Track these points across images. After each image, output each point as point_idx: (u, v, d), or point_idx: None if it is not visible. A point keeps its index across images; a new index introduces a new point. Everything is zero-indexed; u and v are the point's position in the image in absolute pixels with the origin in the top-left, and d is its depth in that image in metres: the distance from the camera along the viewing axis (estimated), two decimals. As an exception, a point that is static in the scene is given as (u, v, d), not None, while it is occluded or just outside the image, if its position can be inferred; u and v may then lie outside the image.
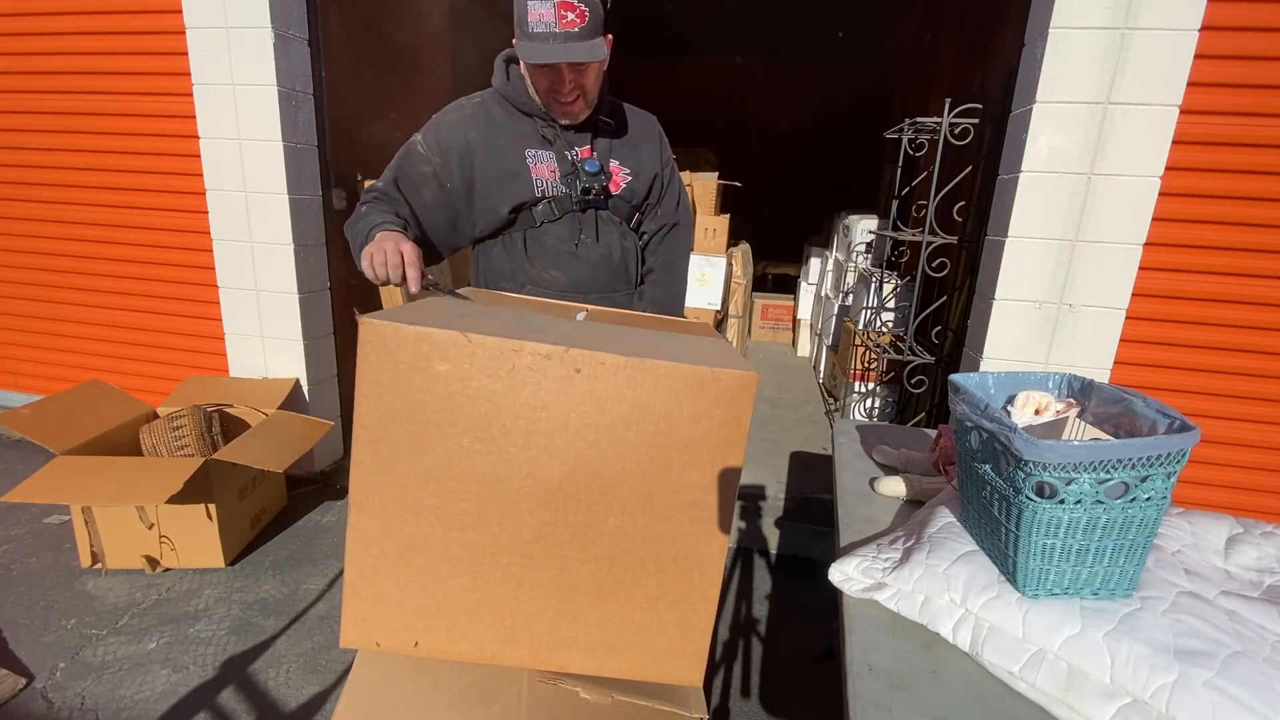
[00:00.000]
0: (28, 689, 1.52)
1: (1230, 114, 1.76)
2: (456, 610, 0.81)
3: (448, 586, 0.80)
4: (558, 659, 0.83)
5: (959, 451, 0.95)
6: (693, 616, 0.82)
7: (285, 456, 1.93)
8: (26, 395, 2.94)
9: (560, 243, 1.33)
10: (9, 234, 2.76)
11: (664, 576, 0.81)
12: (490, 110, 1.31)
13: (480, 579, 0.80)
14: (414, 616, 0.81)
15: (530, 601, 0.81)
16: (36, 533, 2.16)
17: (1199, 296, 1.89)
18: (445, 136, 1.29)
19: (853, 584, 0.90)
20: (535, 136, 1.29)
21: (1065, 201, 1.85)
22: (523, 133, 1.29)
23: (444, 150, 1.28)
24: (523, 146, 1.29)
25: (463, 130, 1.29)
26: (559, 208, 1.31)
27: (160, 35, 2.30)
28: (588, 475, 0.77)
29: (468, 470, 0.77)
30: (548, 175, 1.29)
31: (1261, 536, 0.94)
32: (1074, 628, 0.73)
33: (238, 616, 1.80)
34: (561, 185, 1.30)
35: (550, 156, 1.30)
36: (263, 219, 2.36)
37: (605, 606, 0.82)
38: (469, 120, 1.30)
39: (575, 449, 0.76)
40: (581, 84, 1.21)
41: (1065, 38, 1.76)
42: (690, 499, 0.78)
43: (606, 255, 1.35)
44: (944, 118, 2.43)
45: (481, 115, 1.30)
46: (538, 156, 1.29)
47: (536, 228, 1.33)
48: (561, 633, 0.82)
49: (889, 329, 3.10)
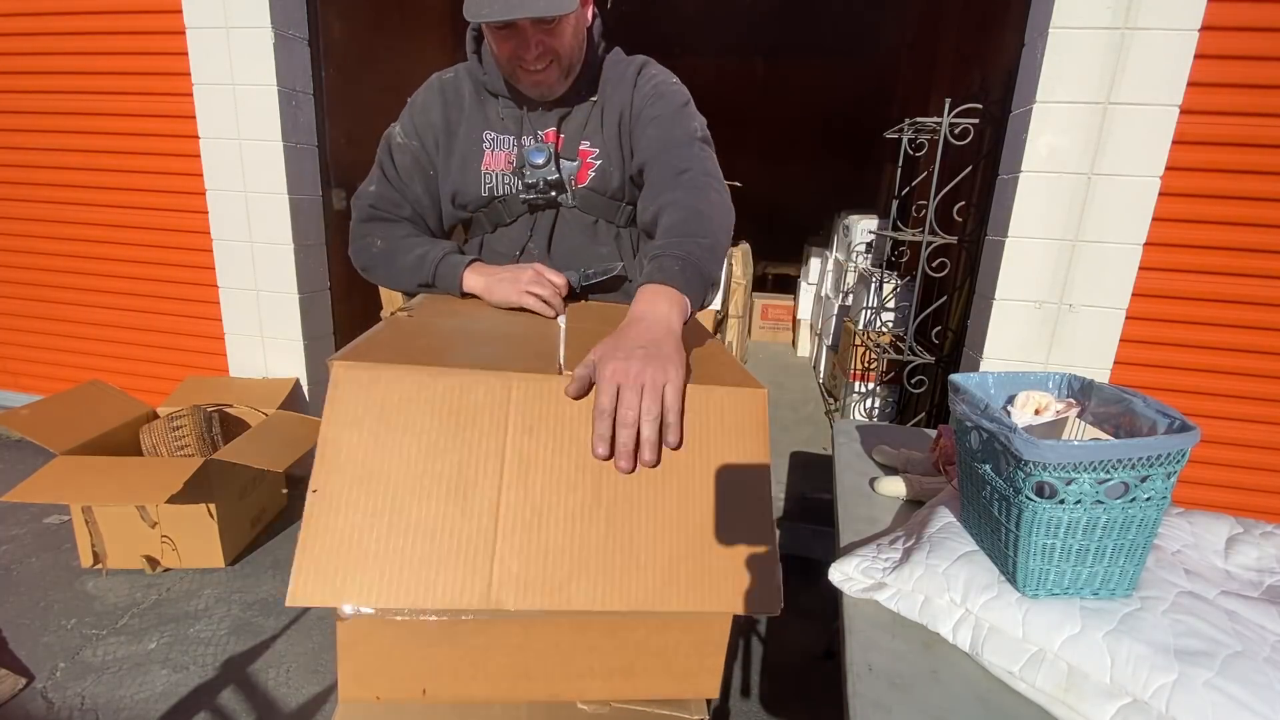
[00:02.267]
0: (28, 689, 1.52)
1: (1230, 114, 1.76)
2: (465, 654, 0.76)
3: (454, 632, 0.75)
4: (574, 690, 0.79)
5: (959, 451, 0.95)
6: (709, 634, 0.79)
7: (285, 456, 1.93)
8: (26, 395, 2.94)
9: (505, 254, 1.13)
10: (9, 234, 2.76)
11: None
12: (460, 86, 1.11)
13: (490, 622, 0.75)
14: (419, 665, 0.76)
15: (542, 639, 0.77)
16: (36, 533, 2.16)
17: (1199, 296, 1.89)
18: (420, 116, 1.11)
19: (853, 584, 0.90)
20: (495, 118, 1.09)
21: (1065, 201, 1.85)
22: (483, 112, 1.10)
23: (420, 131, 1.10)
24: (481, 129, 1.10)
25: (437, 107, 1.10)
26: (509, 210, 1.11)
27: (160, 35, 2.30)
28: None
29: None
30: (502, 166, 1.09)
31: (1261, 536, 0.94)
32: (1074, 628, 0.73)
33: (238, 616, 1.80)
34: (516, 181, 1.09)
35: (510, 143, 1.08)
36: (263, 219, 2.36)
37: (620, 635, 0.78)
38: (437, 95, 1.11)
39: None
40: (553, 47, 0.97)
41: (1065, 38, 1.76)
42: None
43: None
44: (944, 118, 2.43)
45: (452, 90, 1.11)
46: (496, 143, 1.09)
47: (490, 233, 1.15)
48: (576, 665, 0.78)
49: (889, 329, 3.10)
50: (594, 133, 1.09)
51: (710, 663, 0.80)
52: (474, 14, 0.91)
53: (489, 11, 0.89)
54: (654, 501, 0.72)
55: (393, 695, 0.77)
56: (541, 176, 1.05)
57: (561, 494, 0.71)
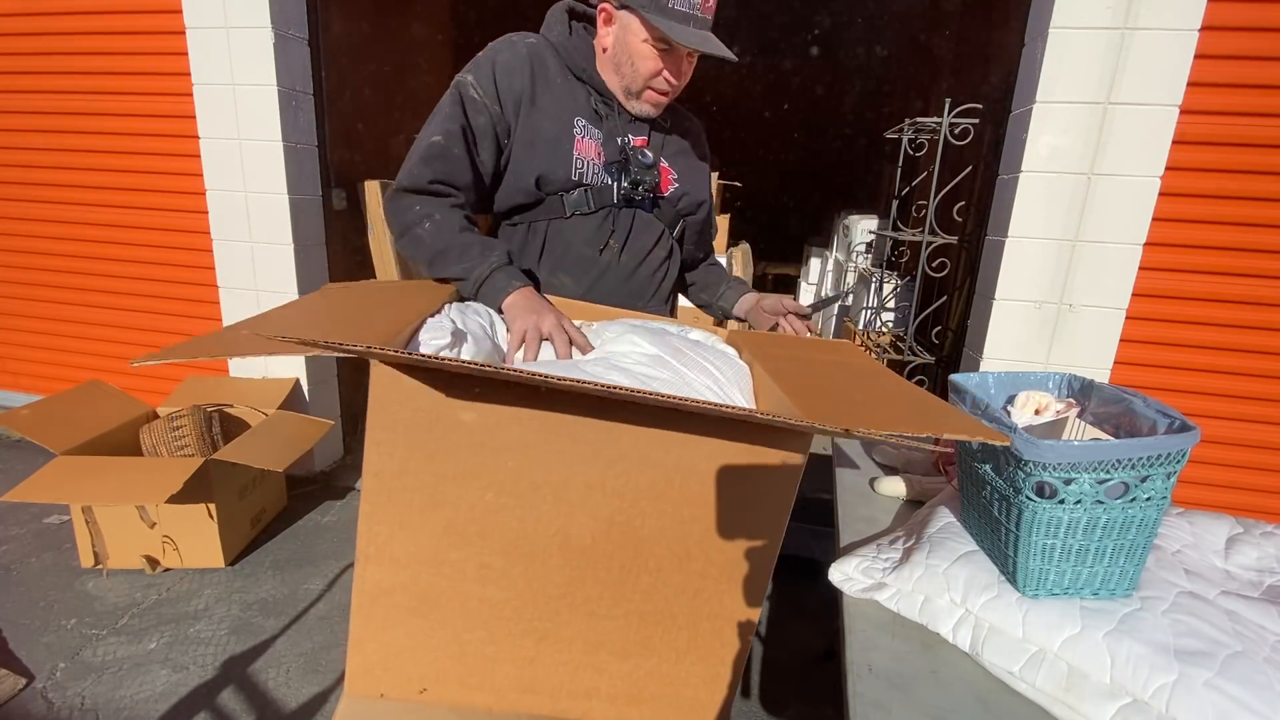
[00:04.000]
0: (28, 689, 1.52)
1: (1230, 114, 1.76)
2: (472, 661, 0.76)
3: (464, 639, 0.75)
4: (577, 709, 0.78)
5: (959, 451, 0.95)
6: (722, 669, 0.78)
7: (285, 456, 1.93)
8: (26, 395, 2.94)
9: (584, 244, 1.12)
10: (9, 234, 2.76)
11: (695, 632, 0.76)
12: (545, 59, 1.07)
13: (500, 632, 0.75)
14: (426, 667, 0.76)
15: (553, 654, 0.76)
16: (36, 533, 2.16)
17: (1199, 296, 1.89)
18: (504, 79, 1.04)
19: (853, 584, 0.90)
20: (587, 107, 1.08)
21: (1065, 201, 1.85)
22: (574, 97, 1.08)
23: (502, 95, 1.03)
24: (572, 113, 1.07)
25: (523, 74, 1.05)
26: (596, 200, 1.10)
27: (160, 35, 2.30)
28: (623, 533, 0.72)
29: (492, 525, 0.71)
30: (592, 156, 1.08)
31: (1261, 536, 0.94)
32: (1074, 628, 0.73)
33: (238, 616, 1.80)
34: (604, 174, 1.09)
35: (599, 135, 1.09)
36: (263, 219, 2.36)
37: (631, 660, 0.77)
38: (525, 62, 1.05)
39: (612, 506, 0.71)
40: (687, 78, 1.08)
41: (1065, 38, 1.76)
42: (730, 558, 0.73)
43: (633, 267, 1.15)
44: (944, 118, 2.43)
45: (538, 61, 1.06)
46: (587, 131, 1.08)
47: (564, 219, 1.11)
48: (583, 684, 0.78)
49: (889, 329, 3.09)
50: (672, 156, 1.19)
51: (720, 697, 0.79)
52: (676, 35, 0.96)
53: (685, 37, 0.96)
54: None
55: (397, 695, 0.77)
56: (649, 178, 1.10)
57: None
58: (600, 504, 0.71)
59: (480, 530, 0.72)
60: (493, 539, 0.72)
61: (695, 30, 0.98)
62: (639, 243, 1.15)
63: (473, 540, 0.72)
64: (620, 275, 1.15)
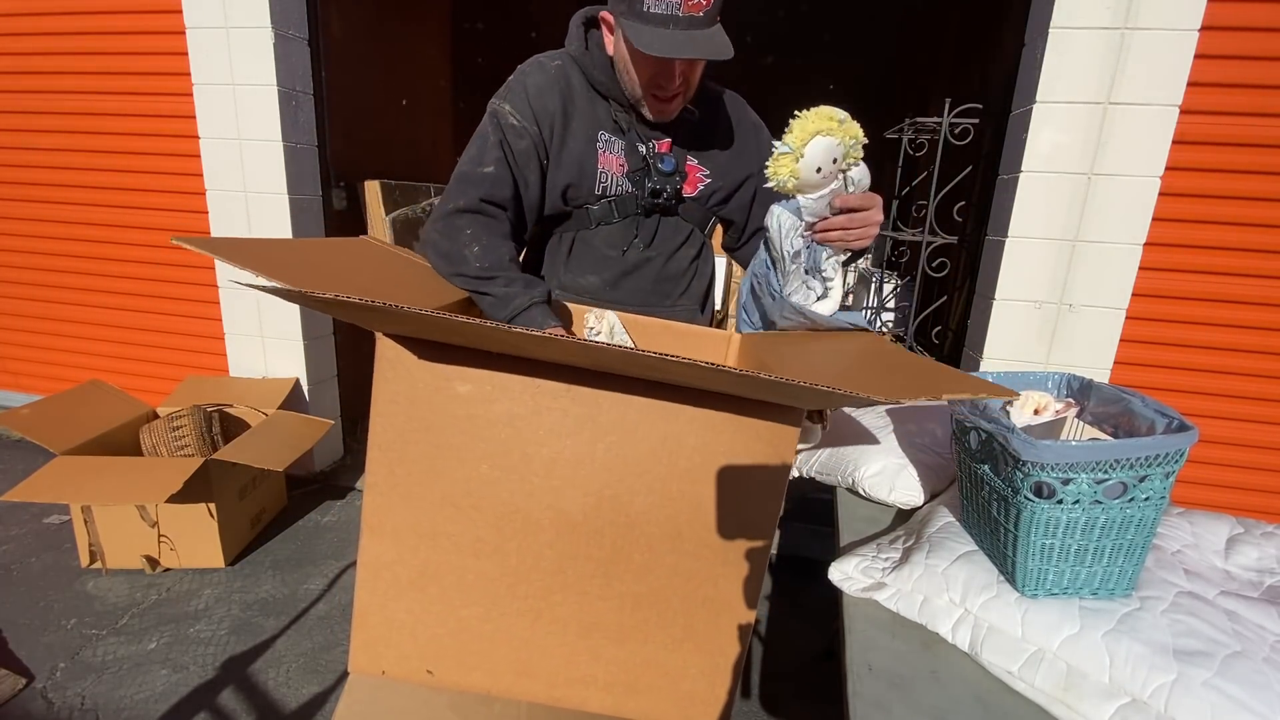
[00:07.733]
0: (28, 689, 1.52)
1: (1230, 114, 1.76)
2: (469, 640, 0.77)
3: (461, 615, 0.76)
4: (574, 696, 0.78)
5: (958, 452, 0.95)
6: (720, 660, 0.77)
7: (285, 456, 1.93)
8: (26, 395, 2.94)
9: (609, 247, 1.14)
10: (9, 234, 2.76)
11: (691, 618, 0.76)
12: (570, 76, 1.09)
13: (496, 609, 0.76)
14: (425, 644, 0.77)
15: (547, 635, 0.77)
16: (36, 533, 2.16)
17: (1199, 296, 1.89)
18: (537, 101, 1.05)
19: (853, 584, 0.90)
20: (608, 120, 1.10)
21: (1065, 201, 1.85)
22: (596, 112, 1.09)
23: (538, 117, 1.05)
24: (596, 128, 1.09)
25: (555, 95, 1.06)
26: (620, 210, 1.12)
27: (160, 35, 2.30)
28: (613, 509, 0.73)
29: (486, 497, 0.73)
30: (615, 169, 1.10)
31: (1261, 536, 0.94)
32: (1073, 627, 0.73)
33: (238, 616, 1.80)
34: (627, 183, 1.11)
35: (621, 147, 1.10)
36: (263, 219, 2.36)
37: (627, 646, 0.77)
38: (555, 83, 1.07)
39: (601, 480, 0.72)
40: (690, 80, 1.03)
41: (1065, 38, 1.76)
42: (724, 539, 0.74)
43: (659, 265, 1.16)
44: (944, 118, 2.43)
45: (564, 80, 1.08)
46: (610, 145, 1.10)
47: (590, 229, 1.14)
48: (579, 670, 0.78)
49: (889, 329, 3.09)
50: (704, 152, 1.14)
51: (719, 692, 0.78)
52: (643, 43, 0.92)
53: (657, 46, 0.91)
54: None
55: (398, 671, 0.78)
56: (670, 184, 1.10)
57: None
58: (590, 477, 0.72)
59: (475, 503, 0.73)
60: (487, 511, 0.74)
61: (675, 33, 0.92)
62: (665, 243, 1.16)
63: (468, 513, 0.74)
64: (647, 274, 1.17)
